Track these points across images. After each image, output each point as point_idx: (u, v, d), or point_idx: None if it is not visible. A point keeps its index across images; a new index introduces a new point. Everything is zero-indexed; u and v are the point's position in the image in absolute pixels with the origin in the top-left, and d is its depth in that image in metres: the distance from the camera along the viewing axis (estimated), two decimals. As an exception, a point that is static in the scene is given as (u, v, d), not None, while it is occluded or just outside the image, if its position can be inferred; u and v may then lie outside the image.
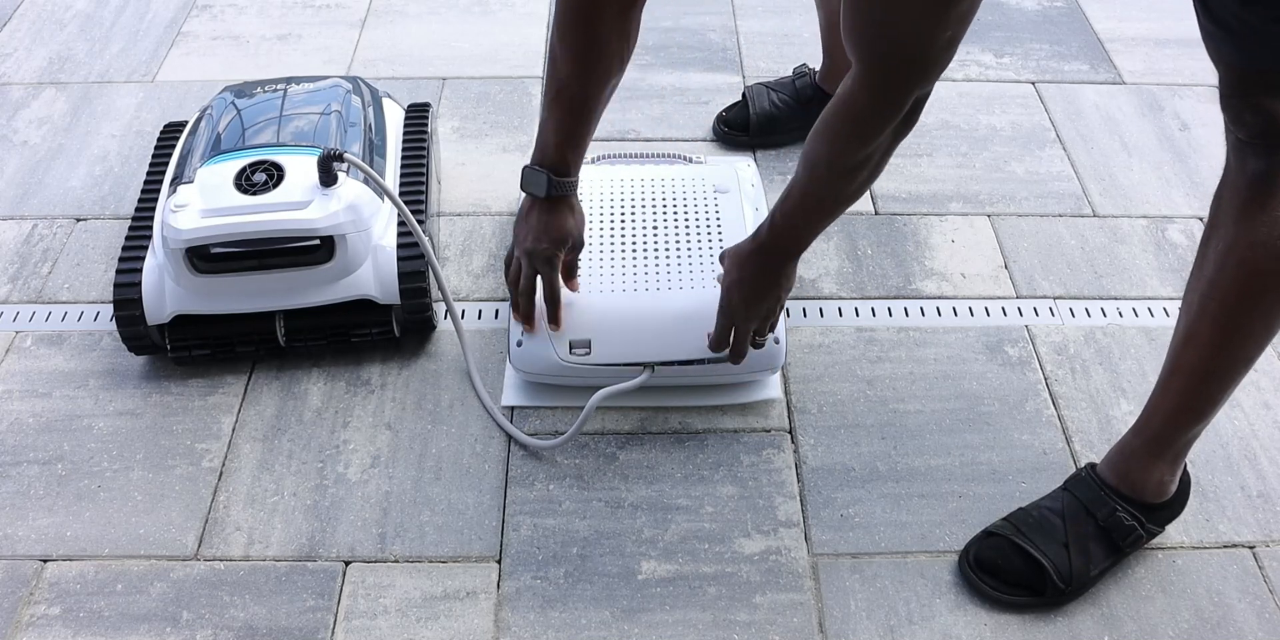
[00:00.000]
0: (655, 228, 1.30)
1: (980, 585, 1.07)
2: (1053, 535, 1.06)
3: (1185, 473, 1.08)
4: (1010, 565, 1.06)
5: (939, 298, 1.40)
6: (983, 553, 1.08)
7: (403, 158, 1.38)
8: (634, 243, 1.28)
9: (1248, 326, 0.93)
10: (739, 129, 1.61)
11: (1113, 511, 1.05)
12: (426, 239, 1.25)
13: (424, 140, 1.41)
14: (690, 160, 1.43)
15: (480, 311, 1.37)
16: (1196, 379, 0.99)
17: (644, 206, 1.33)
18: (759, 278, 1.10)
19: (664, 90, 1.73)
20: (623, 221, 1.31)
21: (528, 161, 1.15)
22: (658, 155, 1.44)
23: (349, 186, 1.22)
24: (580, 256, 1.22)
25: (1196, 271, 0.94)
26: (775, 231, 1.07)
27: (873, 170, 0.98)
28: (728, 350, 1.16)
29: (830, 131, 0.96)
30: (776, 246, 1.08)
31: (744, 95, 1.63)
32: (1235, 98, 0.84)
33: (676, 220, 1.31)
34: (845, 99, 0.92)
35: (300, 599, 1.07)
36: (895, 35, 0.85)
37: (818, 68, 1.60)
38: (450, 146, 1.61)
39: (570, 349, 1.19)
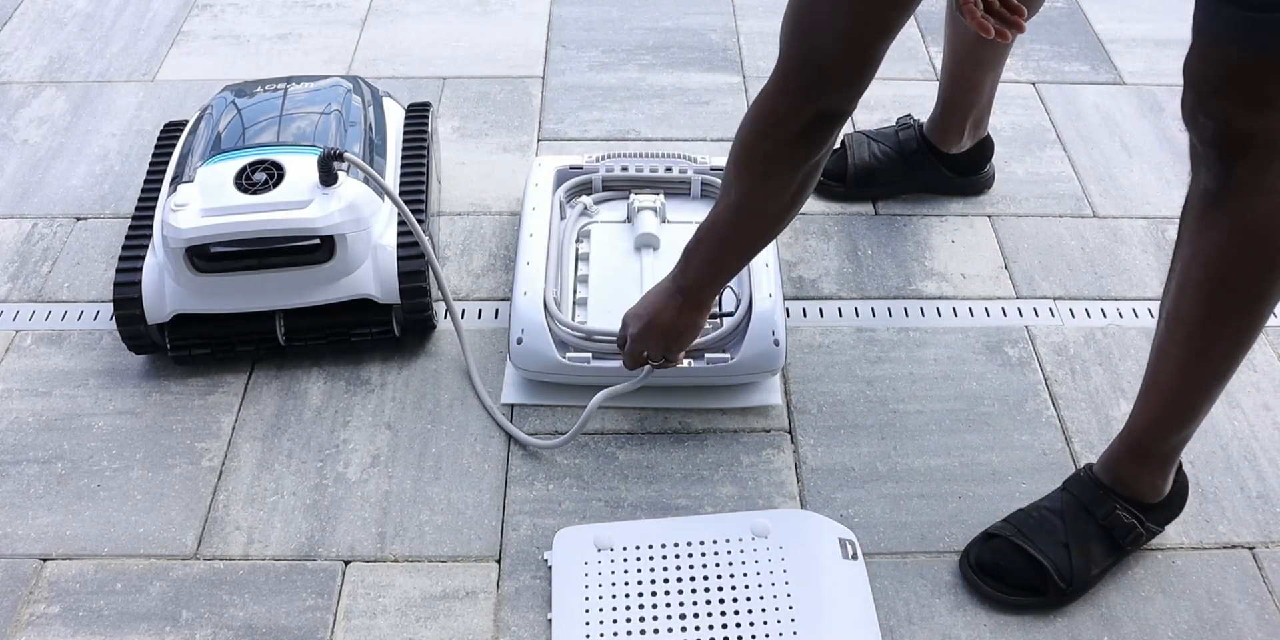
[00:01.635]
0: None
1: (982, 587, 1.07)
2: (1053, 535, 1.06)
3: (1181, 473, 1.08)
4: (1011, 567, 1.06)
5: (939, 298, 1.40)
6: (984, 555, 1.08)
7: (403, 157, 1.38)
8: None
9: (1212, 346, 0.93)
10: (834, 179, 1.51)
11: (1112, 510, 1.05)
12: (426, 239, 1.25)
13: (424, 140, 1.41)
14: (693, 160, 1.43)
15: (480, 311, 1.37)
16: (1172, 392, 0.99)
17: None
18: (672, 307, 1.11)
19: (664, 90, 1.73)
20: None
21: (528, 161, 1.15)
22: (659, 155, 1.44)
23: (349, 186, 1.22)
24: None
25: (1166, 286, 0.95)
26: (688, 271, 1.08)
27: (776, 183, 0.96)
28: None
29: (742, 126, 0.97)
30: (692, 291, 1.09)
31: (843, 143, 1.52)
32: (1191, 93, 0.84)
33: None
34: (762, 93, 0.94)
35: (300, 598, 1.07)
36: (814, 33, 0.87)
37: (923, 119, 1.52)
38: (450, 146, 1.61)
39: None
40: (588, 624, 1.03)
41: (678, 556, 1.08)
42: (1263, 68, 0.78)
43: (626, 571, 1.07)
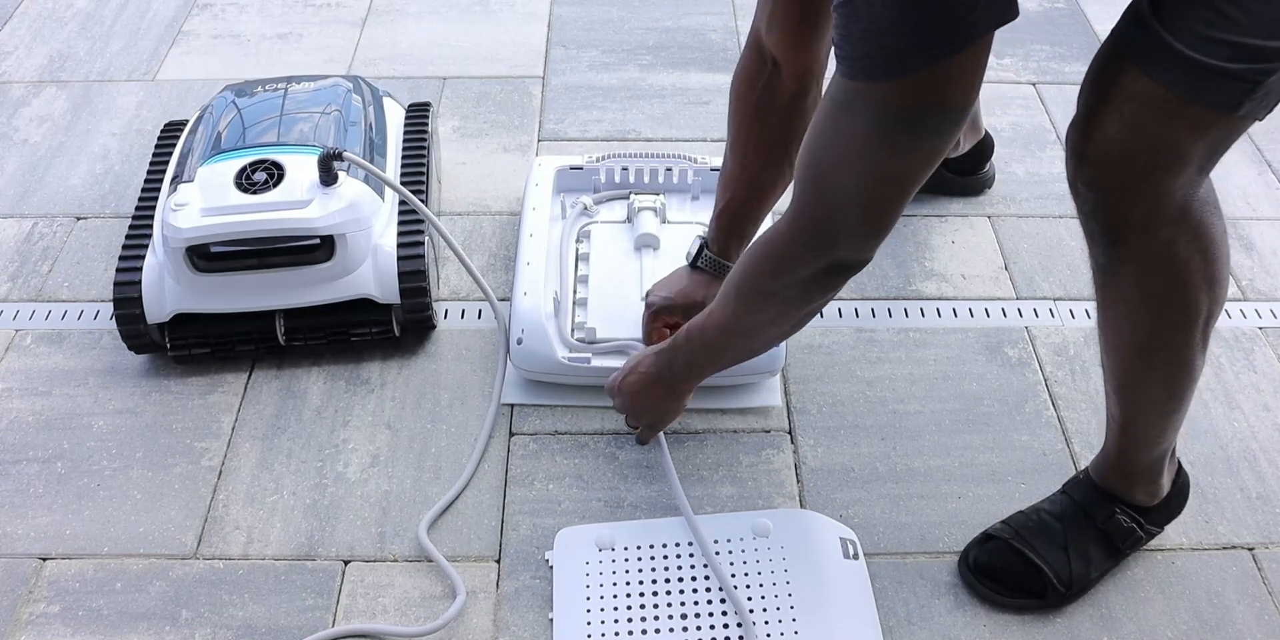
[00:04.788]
0: None
1: (980, 589, 1.07)
2: (1052, 539, 1.06)
3: (1181, 472, 1.08)
4: (1010, 569, 1.06)
5: (939, 299, 1.40)
6: (982, 557, 1.08)
7: (403, 157, 1.38)
8: None
9: (1154, 393, 0.95)
10: None
11: (1111, 514, 1.05)
12: (437, 219, 1.25)
13: (424, 139, 1.41)
14: (693, 160, 1.43)
15: (480, 311, 1.37)
16: (1131, 427, 1.00)
17: None
18: (655, 394, 1.07)
19: (664, 90, 1.73)
20: None
21: (528, 161, 1.15)
22: (659, 155, 1.44)
23: (349, 186, 1.22)
24: None
25: (1099, 337, 0.96)
26: (676, 350, 1.02)
27: (778, 315, 0.92)
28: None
29: (750, 256, 0.91)
30: (681, 369, 1.03)
31: None
32: (1072, 162, 0.83)
33: None
34: (774, 228, 0.88)
35: (299, 598, 1.07)
36: (831, 196, 0.81)
37: None
38: (450, 146, 1.61)
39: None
40: (589, 623, 1.03)
41: (679, 556, 1.08)
42: (1161, 130, 0.76)
43: (628, 571, 1.07)
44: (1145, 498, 1.06)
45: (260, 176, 1.20)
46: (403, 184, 1.34)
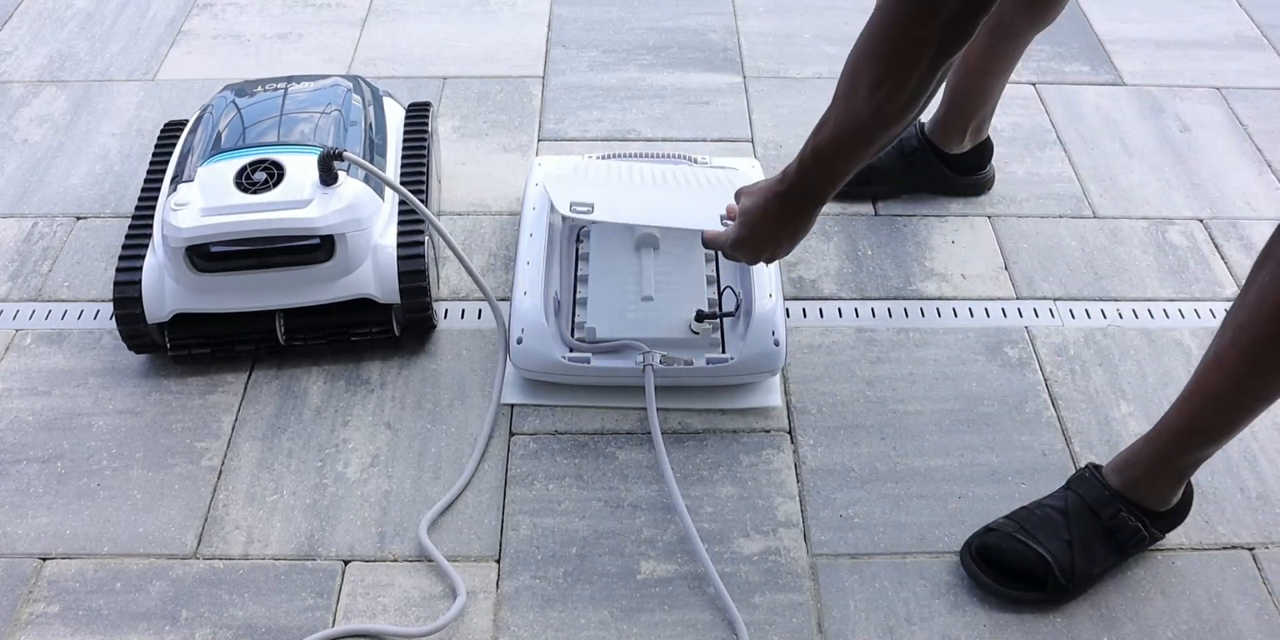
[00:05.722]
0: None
1: (981, 578, 1.07)
2: (1056, 532, 1.05)
3: (1189, 484, 1.08)
4: (1014, 557, 1.06)
5: (939, 298, 1.40)
6: (987, 542, 1.08)
7: (403, 157, 1.38)
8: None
9: (1274, 365, 0.91)
10: None
11: (1117, 512, 1.05)
12: (437, 219, 1.25)
13: (424, 139, 1.41)
14: (693, 160, 1.43)
15: (480, 311, 1.37)
16: (1215, 404, 0.98)
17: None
18: (780, 221, 1.02)
19: (664, 90, 1.73)
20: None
21: (528, 161, 1.14)
22: (659, 155, 1.44)
23: (349, 185, 1.22)
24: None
25: (1241, 297, 0.92)
26: (804, 171, 0.96)
27: (912, 99, 0.86)
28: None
29: (864, 48, 0.86)
30: (805, 189, 0.98)
31: None
32: None
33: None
34: (879, 7, 0.84)
35: (299, 598, 1.07)
36: None
37: (923, 118, 1.48)
38: (451, 146, 1.61)
39: (571, 207, 1.24)
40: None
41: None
42: None
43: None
44: (1157, 502, 1.06)
45: (260, 176, 1.20)
46: (403, 184, 1.34)
